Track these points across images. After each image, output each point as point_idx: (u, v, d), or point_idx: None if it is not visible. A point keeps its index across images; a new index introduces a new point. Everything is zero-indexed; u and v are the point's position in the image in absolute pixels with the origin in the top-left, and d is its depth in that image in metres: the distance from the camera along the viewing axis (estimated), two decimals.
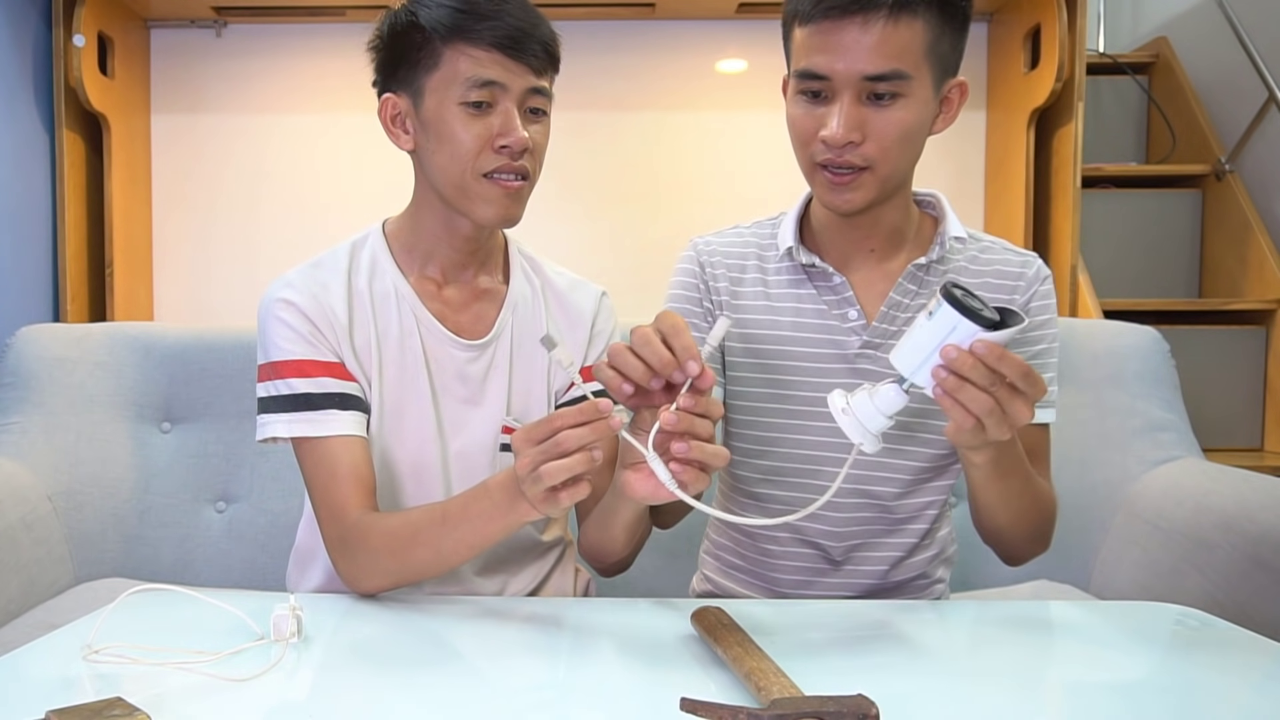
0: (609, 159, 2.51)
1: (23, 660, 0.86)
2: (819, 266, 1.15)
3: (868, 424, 0.87)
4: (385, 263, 1.17)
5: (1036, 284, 1.17)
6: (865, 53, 1.01)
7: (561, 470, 0.87)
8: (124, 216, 2.36)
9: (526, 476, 0.89)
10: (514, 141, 1.07)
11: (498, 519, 0.97)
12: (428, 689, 0.81)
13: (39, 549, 1.58)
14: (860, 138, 1.04)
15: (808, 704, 0.67)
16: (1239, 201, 2.68)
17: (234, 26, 2.48)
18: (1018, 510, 1.07)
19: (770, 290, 1.18)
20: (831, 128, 1.04)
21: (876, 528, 1.19)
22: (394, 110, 1.13)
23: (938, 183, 1.24)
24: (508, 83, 1.07)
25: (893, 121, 1.04)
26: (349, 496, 1.07)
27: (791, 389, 1.16)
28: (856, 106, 1.04)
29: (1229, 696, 0.81)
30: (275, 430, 1.10)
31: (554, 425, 0.88)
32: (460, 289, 1.19)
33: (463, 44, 1.06)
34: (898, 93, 1.03)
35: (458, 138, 1.07)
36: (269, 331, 1.12)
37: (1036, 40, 2.33)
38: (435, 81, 1.08)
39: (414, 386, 1.15)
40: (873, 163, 1.05)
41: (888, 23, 1.01)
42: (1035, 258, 1.19)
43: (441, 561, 1.02)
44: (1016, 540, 1.13)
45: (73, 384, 1.70)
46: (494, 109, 1.08)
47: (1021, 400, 0.86)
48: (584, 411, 0.87)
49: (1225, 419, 2.57)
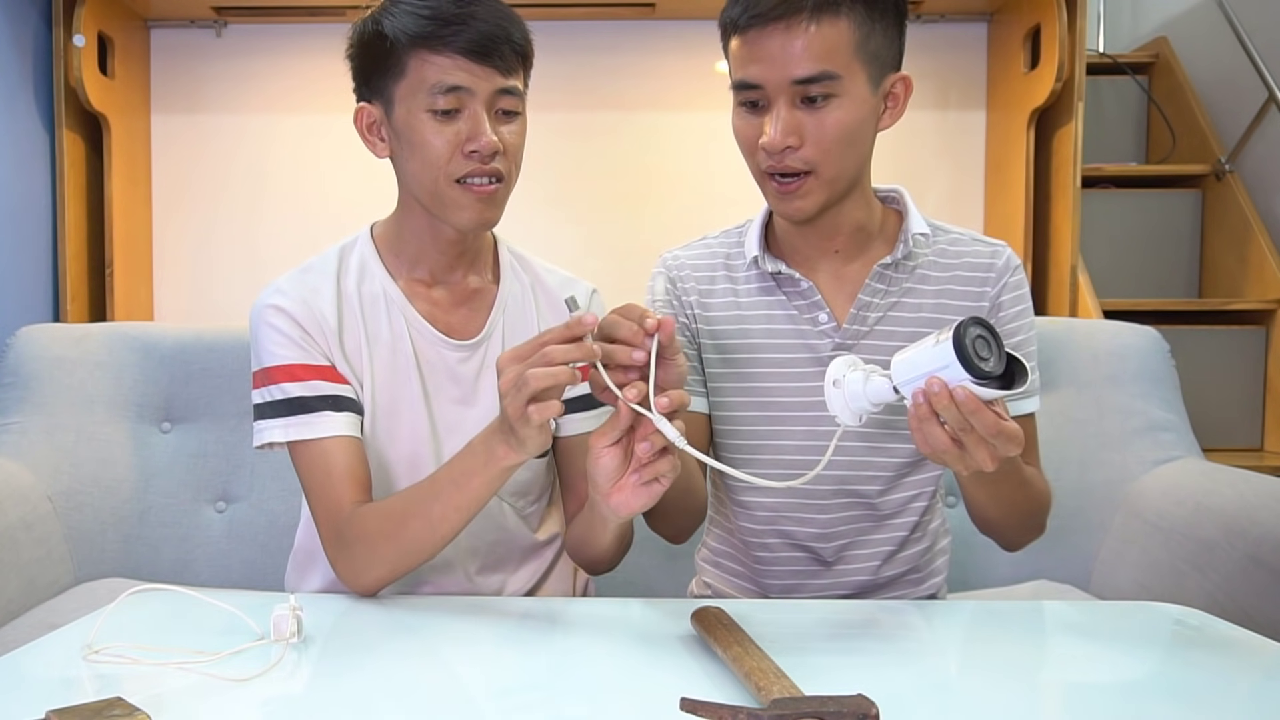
0: (608, 159, 2.51)
1: (23, 660, 0.86)
2: (785, 273, 1.16)
3: (852, 404, 0.88)
4: (374, 266, 1.17)
5: (1006, 275, 1.17)
6: (791, 57, 1.02)
7: (545, 377, 0.87)
8: (124, 216, 2.36)
9: (509, 390, 0.89)
10: (482, 145, 1.06)
11: (478, 471, 0.97)
12: (427, 688, 0.81)
13: (39, 549, 1.58)
14: (798, 141, 1.05)
15: (808, 704, 0.67)
16: (1239, 201, 2.68)
17: (234, 26, 2.48)
18: (1009, 504, 1.09)
19: (740, 300, 1.19)
20: (769, 134, 1.04)
21: (863, 525, 1.19)
22: (369, 119, 1.13)
23: (937, 182, 1.24)
24: (474, 87, 1.07)
25: (829, 123, 1.05)
26: (345, 494, 1.07)
27: (769, 395, 1.17)
28: (790, 111, 1.04)
29: (1229, 696, 0.81)
30: (272, 435, 1.10)
31: (541, 340, 0.89)
32: (450, 290, 1.19)
33: (426, 51, 1.06)
34: (830, 93, 1.04)
35: (428, 145, 1.07)
36: (260, 338, 1.12)
37: (1036, 40, 2.33)
38: (403, 90, 1.08)
39: (406, 388, 1.15)
40: (814, 165, 1.06)
41: (811, 25, 1.02)
42: (1004, 247, 1.19)
43: (434, 532, 1.02)
44: (1010, 530, 1.15)
45: (73, 384, 1.70)
46: (461, 114, 1.07)
47: (986, 451, 0.86)
48: (570, 327, 0.88)
49: (1225, 419, 2.56)
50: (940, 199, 2.53)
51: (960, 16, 2.51)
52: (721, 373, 1.19)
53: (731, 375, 1.19)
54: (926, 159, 2.52)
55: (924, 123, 2.51)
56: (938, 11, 2.48)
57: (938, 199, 2.52)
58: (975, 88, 2.53)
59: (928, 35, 2.52)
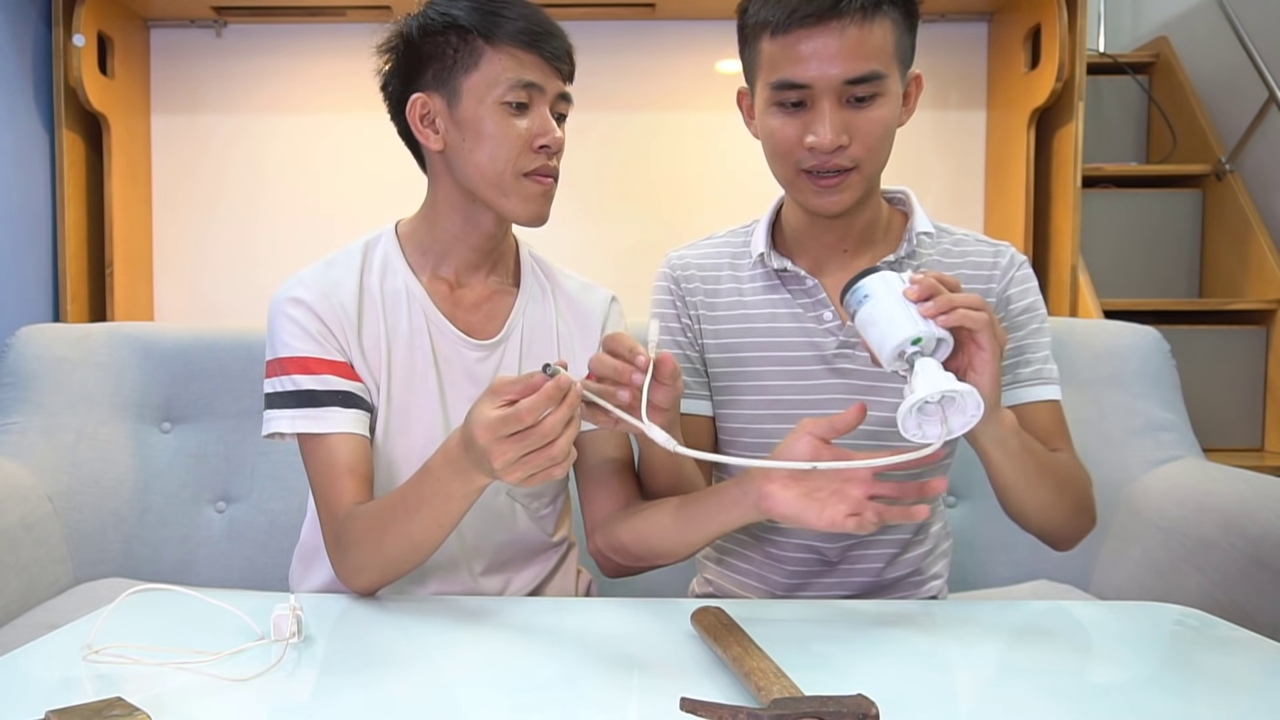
0: (608, 159, 2.51)
1: (23, 660, 0.86)
2: (791, 270, 1.17)
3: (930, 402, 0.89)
4: (397, 262, 1.18)
5: (1012, 270, 1.18)
6: (843, 58, 1.03)
7: (546, 461, 0.88)
8: (124, 216, 2.36)
9: (508, 467, 0.88)
10: (552, 141, 1.11)
11: (455, 496, 0.96)
12: (428, 689, 0.81)
13: (39, 549, 1.58)
14: (848, 140, 1.06)
15: (808, 704, 0.67)
16: (1239, 201, 2.68)
17: (234, 26, 2.48)
18: (1043, 490, 1.06)
19: (745, 298, 1.20)
20: (820, 134, 1.05)
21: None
22: (424, 110, 1.13)
23: (938, 182, 1.25)
24: (544, 85, 1.10)
25: (875, 120, 1.06)
26: (344, 494, 1.07)
27: (775, 393, 1.17)
28: (839, 110, 1.05)
29: (1229, 696, 0.81)
30: (279, 425, 1.10)
31: (523, 417, 0.87)
32: (472, 290, 1.19)
33: (506, 44, 1.09)
34: (876, 93, 1.05)
35: (500, 136, 1.09)
36: (277, 328, 1.12)
37: (1037, 40, 2.33)
38: (474, 81, 1.09)
39: (422, 385, 1.15)
40: (859, 162, 1.07)
41: (861, 26, 1.03)
42: (1007, 246, 1.20)
43: (416, 547, 1.01)
44: (1052, 519, 1.10)
45: (73, 384, 1.70)
46: (531, 110, 1.10)
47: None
48: (550, 395, 0.87)
49: (1225, 419, 2.56)
50: (940, 199, 2.52)
51: (960, 16, 2.51)
52: (727, 370, 1.19)
53: (737, 373, 1.19)
54: (926, 159, 2.52)
55: (924, 123, 2.51)
56: (938, 11, 2.48)
57: (938, 199, 2.52)
58: (975, 87, 2.53)
59: (928, 35, 2.51)
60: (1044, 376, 1.17)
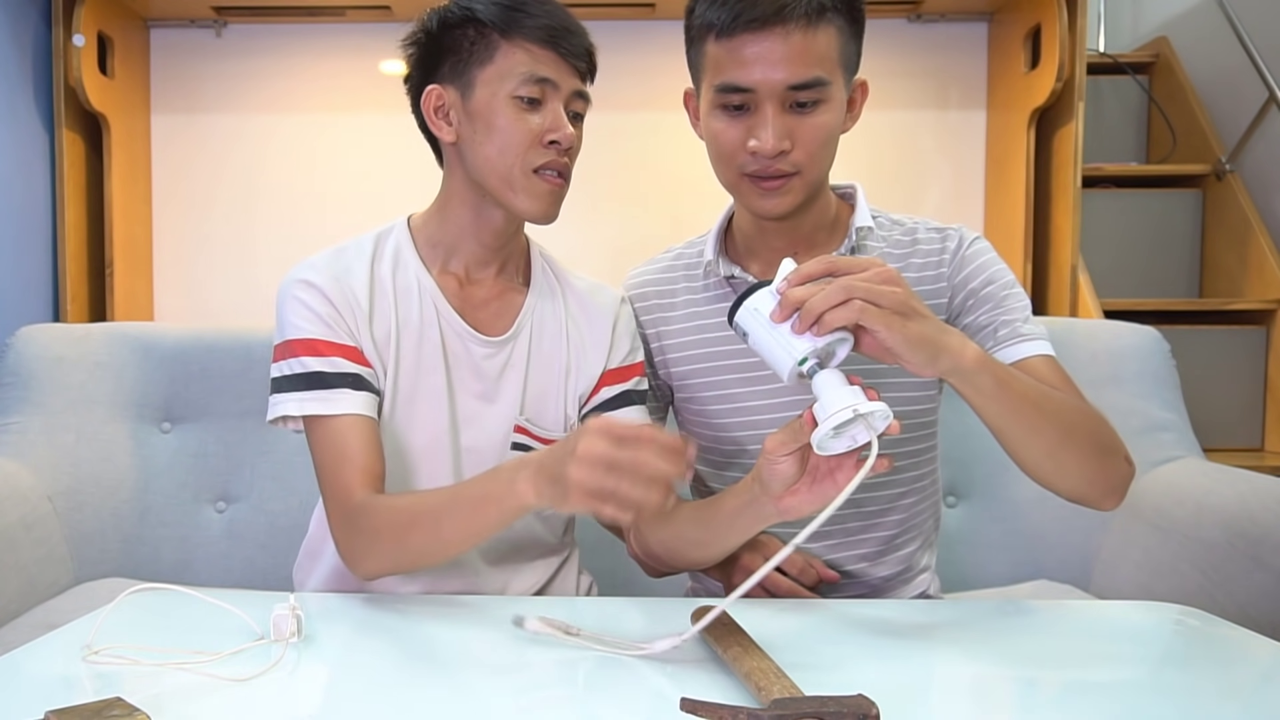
0: (608, 159, 2.50)
1: (23, 660, 0.86)
2: (739, 277, 1.17)
3: (835, 417, 0.86)
4: (409, 255, 1.17)
5: (961, 251, 1.16)
6: (787, 63, 1.03)
7: (636, 492, 0.85)
8: (124, 216, 2.36)
9: (593, 472, 0.85)
10: (563, 137, 1.10)
11: (496, 501, 0.95)
12: (428, 689, 0.81)
13: (39, 549, 1.58)
14: (790, 145, 1.06)
15: (808, 704, 0.67)
16: (1239, 201, 2.68)
17: (234, 26, 2.48)
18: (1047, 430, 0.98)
19: (700, 309, 1.21)
20: (762, 139, 1.05)
21: (851, 525, 1.19)
22: (438, 101, 1.13)
23: (938, 182, 1.25)
24: (559, 81, 1.10)
25: (817, 126, 1.06)
26: (355, 476, 1.06)
27: (740, 400, 1.18)
28: (782, 115, 1.05)
29: (1229, 696, 0.81)
30: (287, 409, 1.09)
31: (644, 435, 0.85)
32: (482, 286, 1.19)
33: (521, 39, 1.09)
34: (819, 99, 1.05)
35: (510, 130, 1.09)
36: (286, 311, 1.11)
37: (1037, 40, 2.33)
38: (488, 74, 1.10)
39: (430, 378, 1.15)
40: (801, 168, 1.07)
41: (806, 32, 1.03)
42: (957, 230, 1.18)
43: (440, 548, 1.01)
44: (1071, 466, 1.01)
45: (73, 384, 1.70)
46: (543, 106, 1.10)
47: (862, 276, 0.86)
48: (671, 449, 0.85)
49: (1225, 419, 2.56)
50: (940, 199, 2.52)
51: (960, 16, 2.51)
52: (693, 383, 1.21)
53: (702, 385, 1.20)
54: (927, 159, 2.52)
55: (924, 123, 2.51)
56: (938, 11, 2.48)
57: (938, 199, 2.52)
58: (975, 87, 2.53)
59: (928, 35, 2.52)
60: (1022, 334, 1.11)
